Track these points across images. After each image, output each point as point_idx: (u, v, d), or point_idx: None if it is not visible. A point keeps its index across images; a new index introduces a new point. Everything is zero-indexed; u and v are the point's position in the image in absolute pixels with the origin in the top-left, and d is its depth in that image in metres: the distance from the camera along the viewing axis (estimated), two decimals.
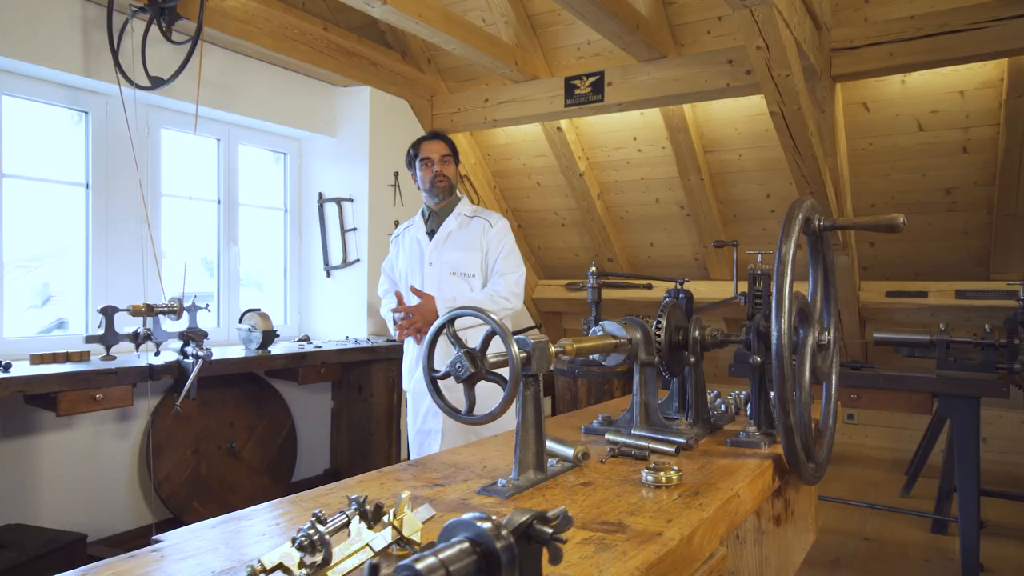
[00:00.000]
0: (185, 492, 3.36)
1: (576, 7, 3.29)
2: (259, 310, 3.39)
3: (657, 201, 5.10)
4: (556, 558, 0.43)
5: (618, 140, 4.88)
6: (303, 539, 0.68)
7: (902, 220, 1.28)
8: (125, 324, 2.90)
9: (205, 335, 2.85)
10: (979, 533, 2.92)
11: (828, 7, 3.61)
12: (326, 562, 0.67)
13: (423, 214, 2.76)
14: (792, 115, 3.24)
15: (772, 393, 1.31)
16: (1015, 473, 4.59)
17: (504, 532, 0.42)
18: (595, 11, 3.34)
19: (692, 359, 1.41)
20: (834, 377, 1.47)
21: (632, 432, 1.33)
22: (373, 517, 0.74)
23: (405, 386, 2.79)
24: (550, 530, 0.43)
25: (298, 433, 4.13)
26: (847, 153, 4.18)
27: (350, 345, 3.91)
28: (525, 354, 1.01)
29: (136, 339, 2.72)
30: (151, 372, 2.77)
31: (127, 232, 3.48)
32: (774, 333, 1.11)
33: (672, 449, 1.22)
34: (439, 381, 0.99)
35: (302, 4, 4.27)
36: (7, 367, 2.44)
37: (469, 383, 0.95)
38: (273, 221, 4.48)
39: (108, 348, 2.76)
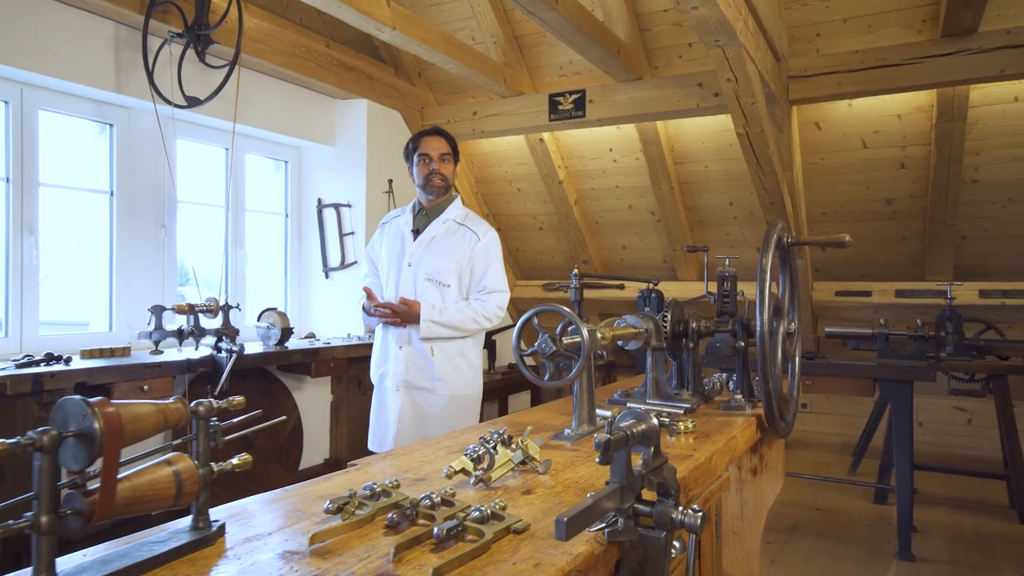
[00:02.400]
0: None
1: (567, 36, 3.68)
2: (276, 309, 3.68)
3: (630, 207, 5.53)
4: (673, 434, 0.81)
5: (595, 151, 5.30)
6: (473, 454, 1.04)
7: (847, 238, 1.69)
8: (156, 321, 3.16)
9: (237, 332, 3.14)
10: (912, 499, 3.41)
11: (786, 40, 4.08)
12: (490, 467, 1.04)
13: (414, 208, 2.69)
14: (756, 136, 3.69)
15: (752, 371, 1.72)
16: (945, 453, 5.17)
17: (651, 415, 0.79)
18: (583, 40, 3.73)
19: (691, 345, 1.80)
20: (797, 358, 1.88)
21: (647, 401, 1.72)
22: (508, 443, 1.10)
23: (372, 378, 2.76)
24: (668, 420, 0.80)
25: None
26: (802, 167, 4.67)
27: (354, 341, 4.21)
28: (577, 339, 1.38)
29: (181, 335, 2.99)
30: (188, 365, 3.04)
31: (146, 236, 3.73)
32: (758, 322, 1.51)
33: (681, 411, 1.61)
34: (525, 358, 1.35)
35: (300, 19, 4.55)
36: (67, 360, 2.69)
37: (551, 358, 1.32)
38: (275, 225, 4.75)
39: (156, 343, 3.02)
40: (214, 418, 0.81)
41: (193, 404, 0.79)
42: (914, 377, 3.32)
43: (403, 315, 2.52)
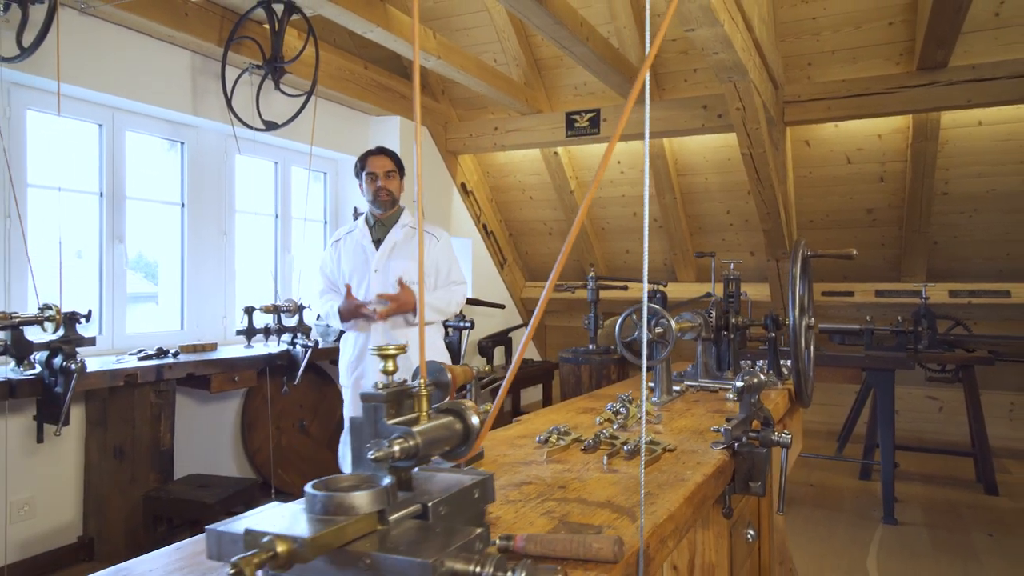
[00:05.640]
0: (271, 461, 4.03)
1: (592, 66, 4.15)
2: None
3: (635, 215, 6.02)
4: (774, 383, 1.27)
5: None
6: (612, 411, 1.49)
7: (854, 252, 2.18)
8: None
9: (310, 329, 3.55)
10: (894, 474, 3.93)
11: (782, 69, 4.59)
12: (625, 417, 1.49)
13: (367, 221, 2.93)
14: (758, 156, 4.19)
15: (783, 360, 2.20)
16: (920, 437, 5.74)
17: (760, 373, 1.25)
18: (605, 69, 4.20)
19: (731, 336, 2.27)
20: (812, 346, 2.37)
21: (699, 379, 2.19)
22: (631, 402, 1.56)
23: (343, 381, 2.91)
24: (766, 379, 1.26)
25: None
26: (794, 180, 5.20)
27: None
28: (662, 330, 1.84)
29: (268, 332, 3.40)
30: (269, 359, 3.45)
31: (211, 243, 4.11)
32: (790, 318, 1.98)
33: (729, 387, 2.08)
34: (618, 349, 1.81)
35: (333, 40, 4.95)
36: (176, 355, 3.09)
37: (650, 345, 1.77)
38: (315, 231, 5.15)
39: (249, 339, 3.42)
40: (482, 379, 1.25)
41: (474, 368, 1.23)
42: (897, 366, 3.84)
43: (403, 303, 2.71)
